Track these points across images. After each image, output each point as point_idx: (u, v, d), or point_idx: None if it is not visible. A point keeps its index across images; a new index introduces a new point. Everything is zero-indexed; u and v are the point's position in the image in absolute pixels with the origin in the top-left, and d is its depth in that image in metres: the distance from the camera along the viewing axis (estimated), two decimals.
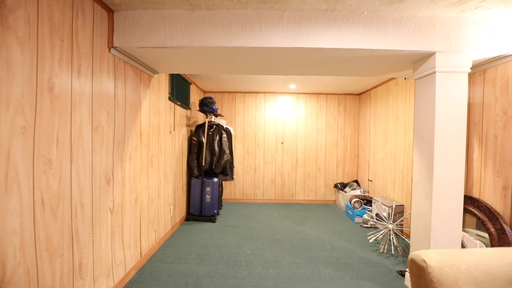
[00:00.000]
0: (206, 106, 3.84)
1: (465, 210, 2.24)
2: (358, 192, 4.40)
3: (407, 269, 2.24)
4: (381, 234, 2.95)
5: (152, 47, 1.91)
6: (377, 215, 3.48)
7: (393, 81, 3.68)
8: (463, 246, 2.08)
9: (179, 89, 3.43)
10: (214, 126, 3.98)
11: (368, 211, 3.86)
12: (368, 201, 4.08)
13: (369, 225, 3.44)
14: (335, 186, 4.83)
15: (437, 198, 1.94)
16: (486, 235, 2.09)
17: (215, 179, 3.85)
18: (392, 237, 2.85)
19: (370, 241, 2.99)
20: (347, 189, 4.58)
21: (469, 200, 2.25)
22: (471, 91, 2.31)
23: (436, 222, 1.95)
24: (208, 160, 3.87)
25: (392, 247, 2.76)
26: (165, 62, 2.27)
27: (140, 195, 2.44)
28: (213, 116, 4.05)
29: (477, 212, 2.14)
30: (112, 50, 1.89)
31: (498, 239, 1.94)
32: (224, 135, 3.94)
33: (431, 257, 0.78)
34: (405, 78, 3.34)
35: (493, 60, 2.06)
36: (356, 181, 4.84)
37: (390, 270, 2.45)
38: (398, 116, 3.53)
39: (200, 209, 3.80)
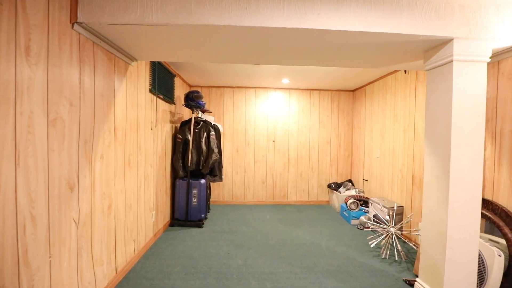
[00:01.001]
0: (192, 100, 3.51)
1: None
2: (353, 192, 4.22)
3: (417, 279, 2.04)
4: (383, 238, 2.75)
5: (126, 24, 1.57)
6: (375, 216, 3.30)
7: (391, 76, 3.51)
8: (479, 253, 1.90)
9: (162, 81, 3.08)
10: (201, 122, 3.65)
11: (365, 212, 3.68)
12: (364, 202, 3.90)
13: (369, 229, 3.25)
14: (329, 186, 4.64)
15: (454, 202, 1.75)
16: (501, 240, 1.92)
17: (202, 181, 3.53)
18: (395, 242, 2.67)
19: (372, 246, 2.79)
20: (341, 189, 4.40)
21: (481, 202, 2.08)
22: None
23: (453, 228, 1.75)
24: (194, 159, 3.54)
25: (396, 252, 2.57)
26: (144, 45, 1.94)
27: (115, 201, 2.09)
28: (200, 112, 3.72)
29: (491, 215, 1.97)
30: (75, 27, 1.54)
31: None
32: (212, 133, 3.63)
33: None
34: (405, 72, 3.17)
35: (509, 50, 1.89)
36: (350, 181, 4.67)
37: (396, 279, 2.25)
38: (397, 113, 3.36)
39: (186, 213, 3.47)
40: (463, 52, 1.71)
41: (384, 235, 2.75)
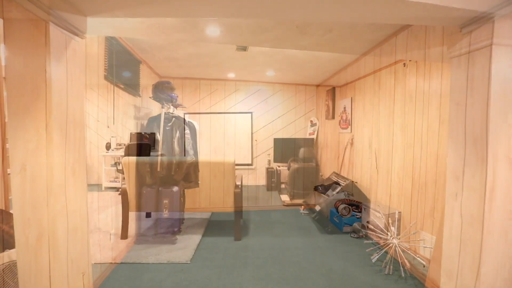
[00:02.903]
0: (162, 92, 2.93)
1: None
2: (342, 195, 3.91)
3: None
4: (386, 251, 2.44)
5: None
6: (369, 222, 3.01)
7: (386, 70, 3.23)
8: None
9: (123, 67, 2.47)
10: (174, 119, 3.09)
11: (358, 218, 3.39)
12: (356, 207, 3.61)
13: (370, 241, 2.94)
14: (316, 189, 4.30)
15: (490, 217, 1.43)
16: None
17: (175, 188, 2.98)
18: (399, 255, 2.36)
19: (373, 260, 2.46)
20: (329, 192, 4.08)
21: None
22: None
23: (488, 248, 1.44)
24: (165, 163, 2.97)
25: (402, 268, 2.27)
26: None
27: (49, 227, 1.50)
28: (171, 107, 3.15)
29: None
30: None
31: None
32: (187, 131, 3.08)
33: None
34: (404, 65, 2.89)
35: None
36: (338, 183, 4.38)
37: None
38: (393, 110, 3.09)
39: (155, 228, 2.89)
40: (504, 34, 1.39)
41: (385, 249, 2.44)
